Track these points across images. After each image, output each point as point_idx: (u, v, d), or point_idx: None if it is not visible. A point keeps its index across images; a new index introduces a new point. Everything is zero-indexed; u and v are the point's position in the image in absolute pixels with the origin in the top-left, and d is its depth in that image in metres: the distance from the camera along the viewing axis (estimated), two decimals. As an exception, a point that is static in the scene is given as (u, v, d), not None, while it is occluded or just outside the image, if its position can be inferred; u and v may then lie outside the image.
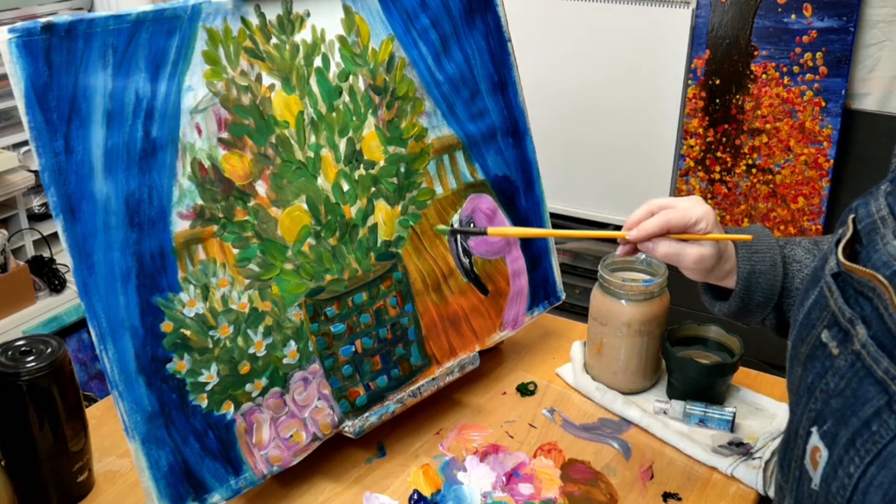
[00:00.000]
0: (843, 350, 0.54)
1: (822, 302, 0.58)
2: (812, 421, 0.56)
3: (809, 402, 0.57)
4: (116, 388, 0.74)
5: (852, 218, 0.59)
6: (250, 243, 0.83)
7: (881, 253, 0.53)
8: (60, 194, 0.71)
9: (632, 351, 1.02)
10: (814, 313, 0.59)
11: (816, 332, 0.58)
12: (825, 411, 0.54)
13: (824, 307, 0.58)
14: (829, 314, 0.57)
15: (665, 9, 1.78)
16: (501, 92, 1.06)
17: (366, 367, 0.93)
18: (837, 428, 0.52)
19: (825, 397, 0.55)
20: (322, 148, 0.89)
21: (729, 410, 0.97)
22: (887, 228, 0.55)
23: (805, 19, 1.65)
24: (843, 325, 0.55)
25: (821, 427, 0.55)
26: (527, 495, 0.88)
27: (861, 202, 0.60)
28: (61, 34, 0.70)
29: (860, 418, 0.50)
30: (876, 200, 0.58)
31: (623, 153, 1.93)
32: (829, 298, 0.57)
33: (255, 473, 0.83)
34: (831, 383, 0.54)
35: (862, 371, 0.52)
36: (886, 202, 0.57)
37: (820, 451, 0.54)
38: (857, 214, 0.59)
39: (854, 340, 0.53)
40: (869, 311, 0.53)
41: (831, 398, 0.54)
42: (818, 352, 0.57)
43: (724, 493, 0.89)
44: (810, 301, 0.61)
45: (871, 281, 0.53)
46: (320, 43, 0.89)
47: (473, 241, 1.03)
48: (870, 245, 0.55)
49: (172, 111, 0.78)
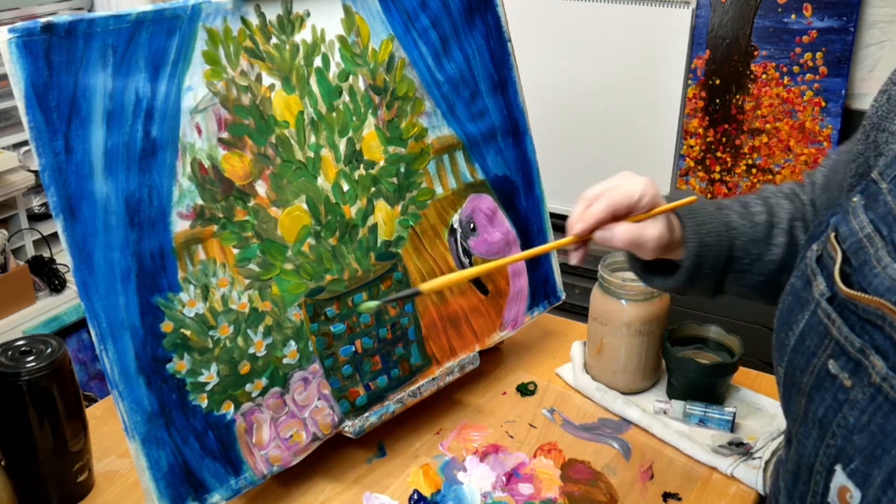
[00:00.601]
0: (857, 382, 0.52)
1: (820, 329, 0.56)
2: (833, 458, 0.54)
3: (826, 436, 0.55)
4: (116, 388, 0.74)
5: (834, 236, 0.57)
6: (250, 243, 0.83)
7: (882, 277, 0.52)
8: (60, 194, 0.71)
9: (632, 351, 1.02)
10: (810, 340, 0.57)
11: (819, 361, 0.56)
12: (849, 448, 0.52)
13: (824, 335, 0.56)
14: (833, 342, 0.55)
15: (665, 9, 1.78)
16: (501, 92, 1.06)
17: (366, 367, 0.93)
18: (869, 467, 0.50)
19: (845, 433, 0.53)
20: (322, 148, 0.89)
21: (729, 410, 0.97)
22: (876, 248, 0.53)
23: (805, 19, 1.65)
24: (852, 356, 0.53)
25: (846, 465, 0.52)
26: (527, 495, 0.88)
27: (839, 219, 0.58)
28: (61, 34, 0.70)
29: (895, 457, 0.48)
30: (856, 217, 0.56)
31: (623, 153, 1.93)
32: (831, 326, 0.55)
33: (255, 473, 0.83)
34: (850, 418, 0.52)
35: (886, 405, 0.50)
36: (868, 218, 0.55)
37: (850, 491, 0.52)
38: (838, 233, 0.57)
39: (871, 372, 0.51)
40: (881, 341, 0.51)
41: (853, 434, 0.52)
42: (826, 382, 0.55)
43: (724, 493, 0.89)
44: (801, 326, 0.58)
45: (878, 309, 0.51)
46: (320, 43, 0.89)
47: (473, 240, 1.03)
48: (864, 267, 0.54)
49: (172, 111, 0.78)
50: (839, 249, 0.56)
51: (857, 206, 0.57)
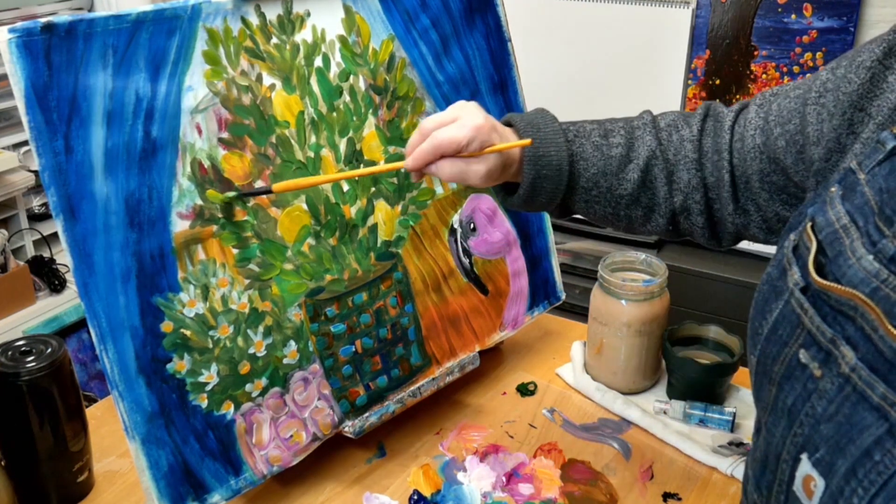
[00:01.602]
0: (826, 372, 0.52)
1: (793, 318, 0.56)
2: (799, 447, 0.54)
3: (793, 425, 0.55)
4: (116, 388, 0.74)
5: (811, 226, 0.57)
6: (250, 243, 0.83)
7: (855, 269, 0.51)
8: (60, 194, 0.71)
9: (632, 351, 1.02)
10: (782, 329, 0.57)
11: (790, 350, 0.56)
12: (815, 437, 0.53)
13: (797, 324, 0.56)
14: (805, 332, 0.55)
15: (665, 9, 1.78)
16: (501, 92, 1.06)
17: (366, 367, 0.93)
18: (833, 456, 0.51)
19: (812, 422, 0.53)
20: (322, 148, 0.89)
21: (729, 410, 0.97)
22: (851, 239, 0.53)
23: (805, 19, 1.65)
24: (823, 346, 0.53)
25: (812, 454, 0.53)
26: (527, 495, 0.88)
27: (816, 209, 0.58)
28: (61, 34, 0.70)
29: (859, 447, 0.49)
30: (833, 208, 0.56)
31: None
32: (803, 316, 0.55)
33: (255, 473, 0.83)
34: (818, 407, 0.53)
35: (854, 396, 0.50)
36: (844, 209, 0.55)
37: (814, 479, 0.52)
38: (814, 223, 0.57)
39: (840, 363, 0.51)
40: (852, 332, 0.51)
41: (820, 423, 0.52)
42: (796, 372, 0.55)
43: (724, 493, 0.89)
44: (775, 315, 0.58)
45: (851, 300, 0.51)
46: (321, 43, 0.89)
47: (473, 241, 1.03)
48: (838, 258, 0.53)
49: (172, 111, 0.78)
50: (814, 240, 0.56)
51: (834, 196, 0.56)
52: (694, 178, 0.75)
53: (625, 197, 0.77)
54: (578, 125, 0.79)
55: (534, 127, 0.77)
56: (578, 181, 0.77)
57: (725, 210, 0.75)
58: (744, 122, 0.74)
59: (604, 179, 0.76)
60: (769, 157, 0.70)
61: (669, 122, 0.78)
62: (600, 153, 0.77)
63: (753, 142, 0.72)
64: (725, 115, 0.76)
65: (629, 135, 0.77)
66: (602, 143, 0.77)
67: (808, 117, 0.65)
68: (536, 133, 0.76)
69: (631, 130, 0.78)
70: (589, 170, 0.76)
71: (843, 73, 0.62)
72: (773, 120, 0.70)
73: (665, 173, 0.76)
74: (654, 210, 0.78)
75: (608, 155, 0.76)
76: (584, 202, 0.78)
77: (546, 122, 0.78)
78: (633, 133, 0.78)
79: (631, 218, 0.79)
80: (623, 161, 0.76)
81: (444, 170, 0.75)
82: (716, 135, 0.75)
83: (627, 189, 0.76)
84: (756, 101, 0.74)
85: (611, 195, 0.77)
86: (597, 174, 0.76)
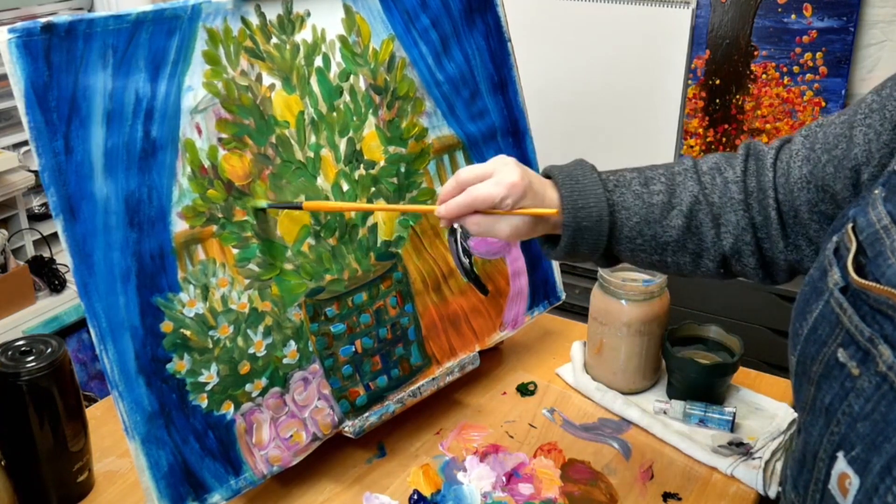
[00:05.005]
0: (864, 371, 0.53)
1: (832, 318, 0.57)
2: (836, 445, 0.55)
3: (831, 424, 0.56)
4: (116, 388, 0.74)
5: (851, 227, 0.57)
6: (250, 243, 0.83)
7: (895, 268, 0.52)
8: (60, 194, 0.71)
9: (632, 351, 1.02)
10: (822, 329, 0.58)
11: (829, 349, 0.57)
12: (851, 435, 0.53)
13: (836, 324, 0.56)
14: (843, 332, 0.55)
15: (665, 9, 1.78)
16: (501, 92, 1.06)
17: (366, 367, 0.93)
18: (869, 454, 0.51)
19: (849, 420, 0.54)
20: (322, 148, 0.89)
21: (729, 410, 0.97)
22: (892, 239, 0.54)
23: (805, 19, 1.65)
24: (861, 345, 0.53)
25: (848, 452, 0.53)
26: (527, 495, 0.88)
27: (858, 210, 0.58)
28: (61, 34, 0.70)
29: (895, 445, 0.49)
30: (874, 209, 0.56)
31: (623, 153, 1.93)
32: (842, 315, 0.56)
33: (255, 473, 0.83)
34: (855, 406, 0.53)
35: (891, 394, 0.50)
36: (886, 210, 0.56)
37: (849, 477, 0.53)
38: (856, 224, 0.57)
39: (878, 361, 0.52)
40: (891, 331, 0.52)
41: (857, 422, 0.53)
42: (835, 371, 0.56)
43: (724, 493, 0.89)
44: (815, 315, 0.59)
45: (890, 298, 0.52)
46: (321, 43, 0.89)
47: (473, 240, 1.03)
48: (878, 258, 0.54)
49: (172, 111, 0.78)
50: (855, 240, 0.57)
51: (877, 198, 0.57)
52: (742, 219, 0.75)
53: (670, 244, 0.77)
54: (619, 174, 0.79)
55: (572, 179, 0.77)
56: (622, 231, 0.77)
57: (776, 248, 0.74)
58: (788, 156, 0.73)
59: (647, 227, 0.76)
60: (817, 186, 0.70)
61: (712, 166, 0.78)
62: (641, 201, 0.77)
63: (800, 172, 0.71)
64: (766, 154, 0.76)
65: (670, 181, 0.77)
66: (643, 192, 0.77)
67: (854, 139, 0.65)
68: (575, 185, 0.77)
69: (672, 177, 0.78)
70: (631, 219, 0.76)
71: (889, 93, 0.63)
72: (820, 147, 0.70)
73: (711, 217, 0.76)
74: (701, 255, 0.77)
75: (650, 203, 0.76)
76: (630, 251, 0.78)
77: (584, 173, 0.78)
78: (674, 179, 0.78)
79: (679, 264, 0.78)
80: (665, 208, 0.76)
81: (472, 223, 0.75)
82: (759, 174, 0.75)
83: (672, 235, 0.76)
84: (801, 133, 0.74)
85: (655, 243, 0.77)
86: (640, 223, 0.76)
